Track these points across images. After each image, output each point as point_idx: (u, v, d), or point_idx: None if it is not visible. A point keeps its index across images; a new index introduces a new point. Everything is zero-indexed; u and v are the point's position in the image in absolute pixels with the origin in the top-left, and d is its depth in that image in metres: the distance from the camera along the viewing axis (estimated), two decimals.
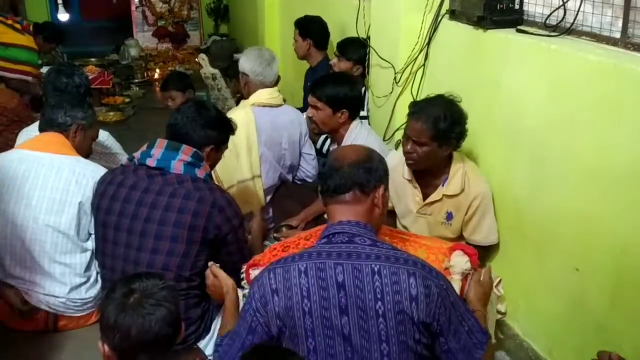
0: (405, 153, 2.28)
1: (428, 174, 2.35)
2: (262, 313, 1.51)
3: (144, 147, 2.16)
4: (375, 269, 1.45)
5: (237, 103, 3.34)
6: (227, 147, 2.32)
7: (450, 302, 1.49)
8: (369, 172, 1.58)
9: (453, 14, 2.54)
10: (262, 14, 5.47)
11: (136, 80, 5.92)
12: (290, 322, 1.48)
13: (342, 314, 1.46)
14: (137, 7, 7.15)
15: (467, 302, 1.75)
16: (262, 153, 2.79)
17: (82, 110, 2.51)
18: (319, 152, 3.11)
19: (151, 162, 2.10)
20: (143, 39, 7.08)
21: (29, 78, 4.50)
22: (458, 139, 2.25)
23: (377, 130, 3.03)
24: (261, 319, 1.51)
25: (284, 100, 3.03)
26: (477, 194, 2.29)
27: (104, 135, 2.88)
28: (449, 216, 2.33)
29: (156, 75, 6.21)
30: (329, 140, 3.05)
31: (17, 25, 4.59)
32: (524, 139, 2.18)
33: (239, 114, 2.71)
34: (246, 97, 2.94)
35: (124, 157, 2.83)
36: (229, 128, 2.29)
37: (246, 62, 2.91)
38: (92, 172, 2.38)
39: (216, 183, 2.46)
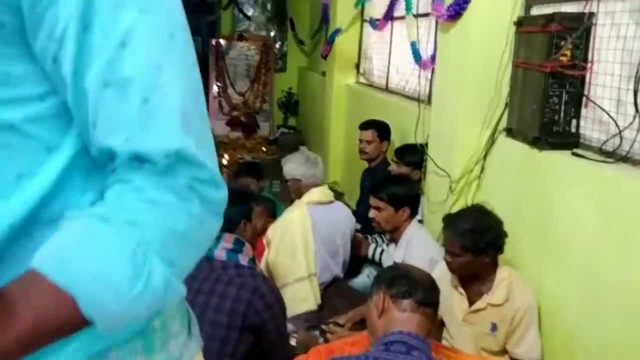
0: (446, 262, 2.36)
1: (474, 281, 2.36)
2: None
3: None
4: None
5: None
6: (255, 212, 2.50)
7: None
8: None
9: (510, 132, 2.63)
10: (330, 112, 5.75)
11: None
12: None
13: None
14: (214, 98, 7.66)
15: None
16: (317, 250, 2.88)
17: None
18: (367, 259, 3.18)
19: None
20: (216, 126, 7.52)
21: None
22: (493, 246, 2.27)
23: (432, 235, 3.07)
24: None
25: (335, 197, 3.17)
26: (521, 305, 2.26)
27: None
28: (494, 327, 2.30)
29: (224, 162, 6.52)
30: (379, 249, 3.13)
31: None
32: (577, 261, 2.16)
33: (294, 214, 2.85)
34: (297, 198, 3.08)
35: None
36: (248, 195, 2.48)
37: (296, 169, 3.09)
38: None
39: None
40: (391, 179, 3.03)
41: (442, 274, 2.39)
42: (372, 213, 2.87)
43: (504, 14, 2.69)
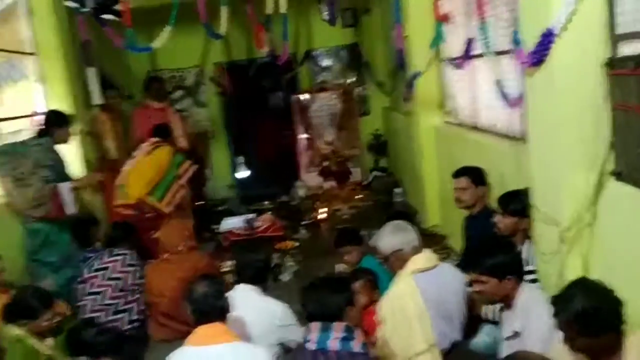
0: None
1: (601, 354, 2.18)
2: None
3: (304, 331, 2.36)
4: None
5: None
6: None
7: None
8: None
9: (619, 175, 2.47)
10: (420, 155, 5.70)
11: (304, 222, 6.34)
12: None
13: None
14: (304, 151, 7.86)
15: None
16: (432, 319, 2.81)
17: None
18: (482, 318, 3.08)
19: (311, 345, 2.31)
20: (309, 178, 7.68)
21: None
22: (613, 320, 2.11)
23: (547, 286, 2.93)
24: None
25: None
26: None
27: (281, 309, 3.03)
28: None
29: (324, 216, 6.59)
30: (497, 307, 3.00)
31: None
32: None
33: (401, 287, 2.81)
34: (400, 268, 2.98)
35: (298, 331, 2.94)
36: (347, 280, 2.58)
37: (393, 240, 3.00)
38: (252, 356, 2.45)
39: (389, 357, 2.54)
40: (486, 249, 2.78)
41: None
42: (476, 287, 2.73)
43: (590, 53, 2.57)
